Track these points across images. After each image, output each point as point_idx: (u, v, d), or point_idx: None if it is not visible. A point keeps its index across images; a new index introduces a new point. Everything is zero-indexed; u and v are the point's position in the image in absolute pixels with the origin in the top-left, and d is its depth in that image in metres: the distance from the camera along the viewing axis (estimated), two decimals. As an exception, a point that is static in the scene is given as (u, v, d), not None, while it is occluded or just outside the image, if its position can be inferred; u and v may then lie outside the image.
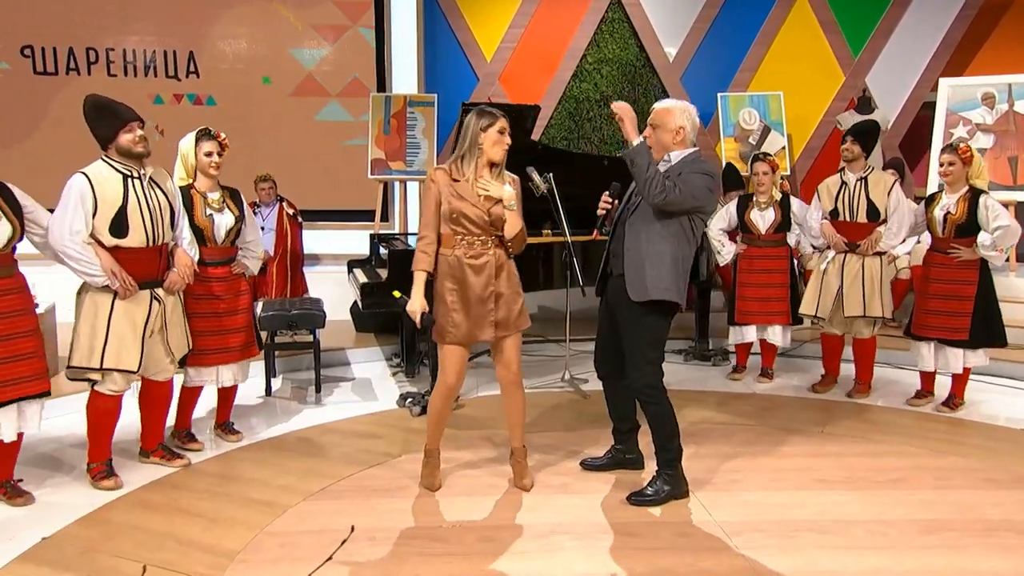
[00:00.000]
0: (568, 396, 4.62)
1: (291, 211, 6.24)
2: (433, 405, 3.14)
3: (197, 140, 3.49)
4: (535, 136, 6.52)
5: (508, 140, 2.93)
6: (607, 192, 3.03)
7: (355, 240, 6.68)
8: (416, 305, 2.92)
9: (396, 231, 6.91)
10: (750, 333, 4.83)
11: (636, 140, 2.81)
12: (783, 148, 6.84)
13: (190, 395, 3.68)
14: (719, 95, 7.02)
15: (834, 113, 7.25)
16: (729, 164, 6.51)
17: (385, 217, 7.04)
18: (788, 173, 6.86)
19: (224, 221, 3.56)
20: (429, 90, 7.10)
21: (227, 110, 7.04)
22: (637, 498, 3.08)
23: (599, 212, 3.02)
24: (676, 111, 2.96)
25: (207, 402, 4.00)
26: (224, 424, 3.85)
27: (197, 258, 3.43)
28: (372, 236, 5.52)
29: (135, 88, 6.90)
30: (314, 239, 6.88)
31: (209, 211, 3.52)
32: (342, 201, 7.17)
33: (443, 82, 7.18)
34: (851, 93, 7.25)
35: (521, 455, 3.21)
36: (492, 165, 2.99)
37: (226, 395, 3.81)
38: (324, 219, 7.10)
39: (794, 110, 7.12)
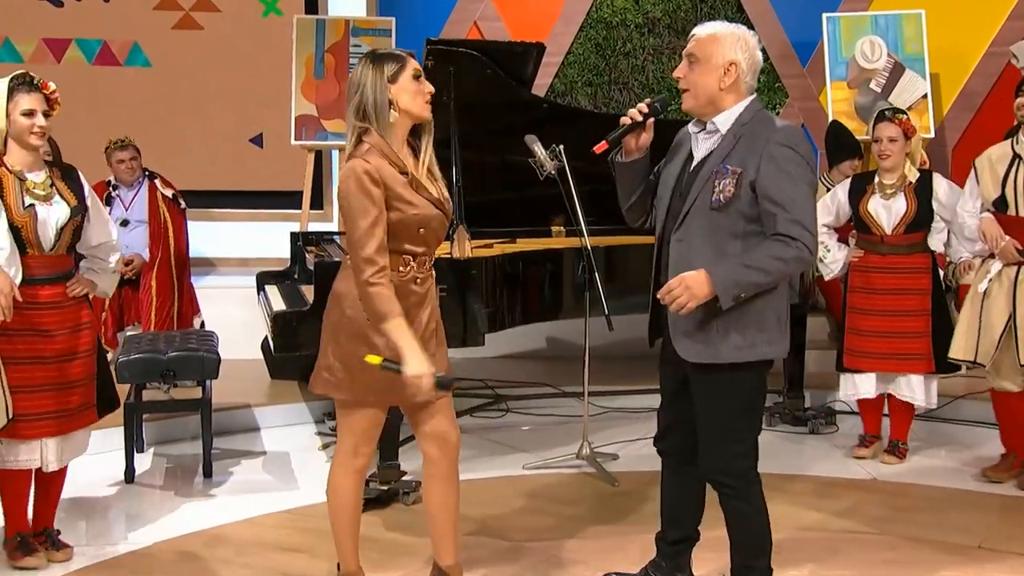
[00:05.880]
0: (586, 480, 4.58)
1: (168, 192, 6.20)
2: (339, 498, 3.15)
3: (10, 92, 3.44)
4: (539, 87, 6.45)
5: (430, 85, 3.01)
6: (648, 100, 3.03)
7: (270, 238, 6.64)
8: (421, 366, 2.90)
9: (334, 227, 6.83)
10: (867, 384, 4.77)
11: (707, 288, 2.81)
12: (924, 97, 6.76)
13: (14, 483, 3.59)
14: (825, 16, 6.94)
15: (1007, 41, 7.05)
16: (836, 124, 6.41)
17: (317, 204, 7.03)
18: (931, 135, 6.77)
19: (54, 215, 3.49)
20: (384, 12, 7.09)
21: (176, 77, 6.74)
22: None
23: (621, 121, 3.02)
24: (726, 39, 2.93)
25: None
26: (44, 533, 3.74)
27: (19, 278, 3.38)
28: (294, 236, 5.49)
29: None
30: (207, 235, 6.78)
31: (30, 200, 3.46)
32: (252, 179, 7.13)
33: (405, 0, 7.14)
34: (1035, 10, 7.16)
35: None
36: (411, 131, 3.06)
37: (48, 484, 3.70)
38: (222, 204, 7.06)
39: (943, 37, 7.00)
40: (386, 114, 2.93)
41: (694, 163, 3.00)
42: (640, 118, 2.99)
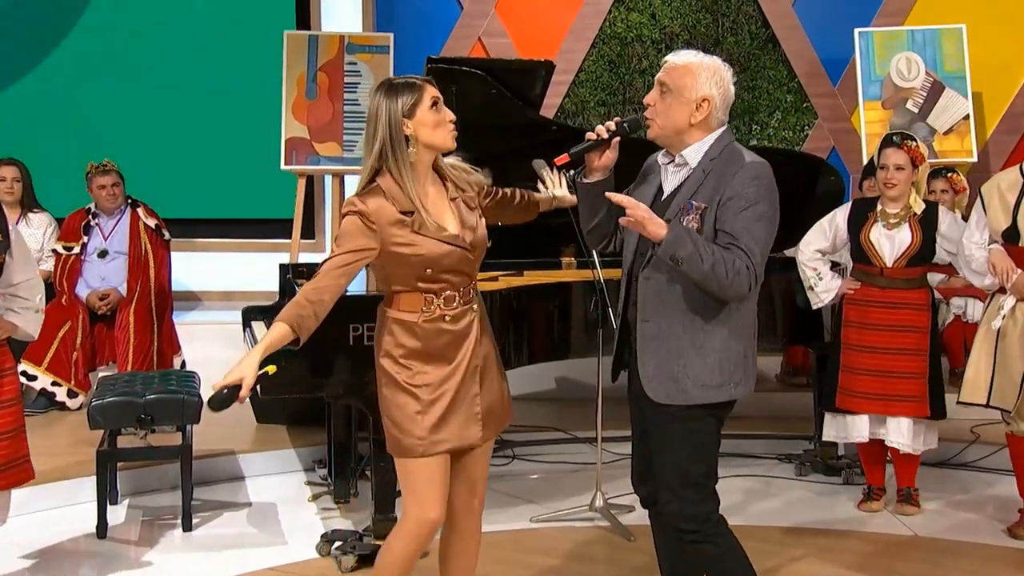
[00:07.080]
0: (599, 534, 4.57)
1: (152, 222, 6.22)
2: (394, 555, 3.12)
3: None
4: (548, 108, 6.51)
5: (451, 113, 3.05)
6: (617, 118, 3.10)
7: (257, 270, 6.69)
8: (237, 372, 2.77)
9: (326, 257, 6.89)
10: (859, 427, 4.77)
11: (664, 231, 2.85)
12: (965, 118, 6.78)
13: None
14: (857, 31, 6.99)
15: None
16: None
17: (308, 233, 7.07)
18: (973, 159, 6.77)
19: None
20: (381, 27, 7.15)
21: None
22: None
23: (587, 136, 3.08)
24: (701, 73, 3.00)
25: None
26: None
27: None
28: (283, 267, 5.51)
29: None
30: (188, 267, 6.82)
31: None
32: (237, 206, 7.18)
33: (404, 15, 7.22)
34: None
35: None
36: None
37: None
38: (205, 234, 7.10)
39: (985, 53, 7.03)
40: (404, 154, 2.96)
41: (663, 197, 3.07)
42: (606, 135, 3.04)
